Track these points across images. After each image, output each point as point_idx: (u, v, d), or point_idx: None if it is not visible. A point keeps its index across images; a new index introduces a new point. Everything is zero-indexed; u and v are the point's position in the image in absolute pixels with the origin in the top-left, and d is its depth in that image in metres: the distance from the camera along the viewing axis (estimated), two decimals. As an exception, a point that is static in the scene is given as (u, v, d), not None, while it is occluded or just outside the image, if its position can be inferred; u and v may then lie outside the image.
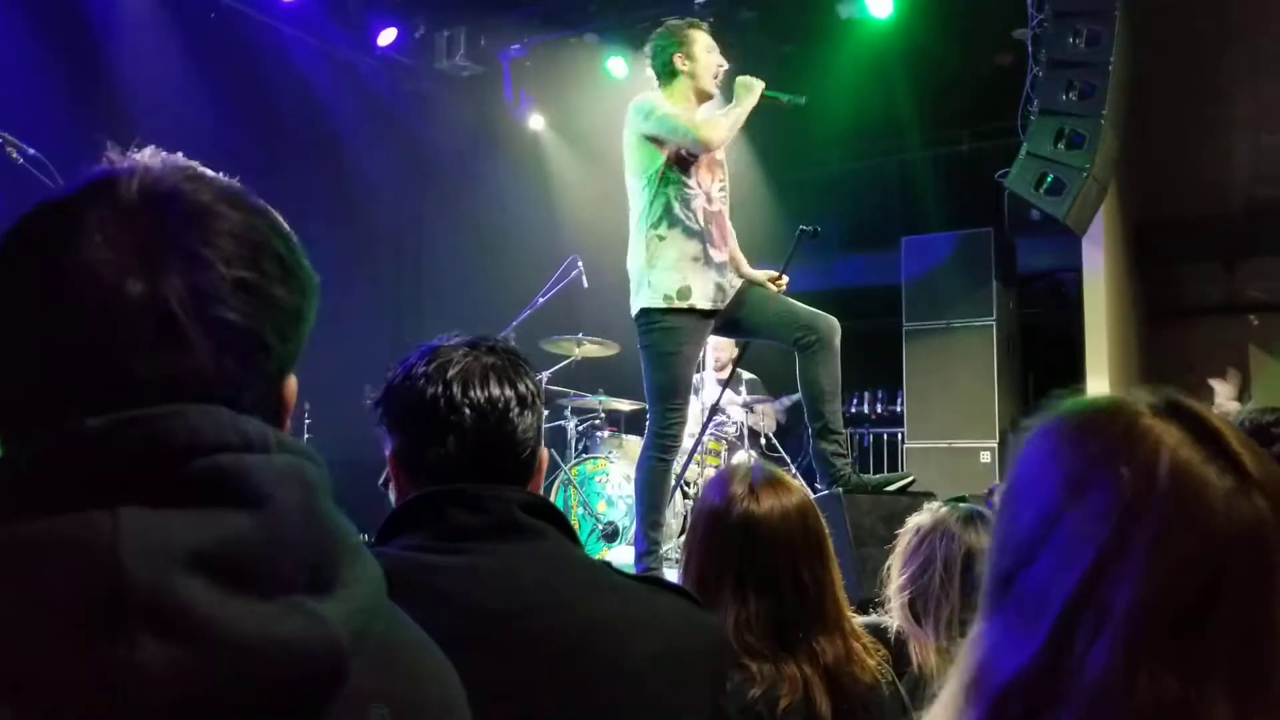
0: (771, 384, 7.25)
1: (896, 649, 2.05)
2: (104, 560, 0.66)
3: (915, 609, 2.07)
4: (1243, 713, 0.71)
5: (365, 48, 7.97)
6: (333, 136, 7.95)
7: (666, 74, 4.20)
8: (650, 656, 1.30)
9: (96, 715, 0.64)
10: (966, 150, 8.71)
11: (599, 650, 1.27)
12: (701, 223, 4.07)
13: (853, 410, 8.59)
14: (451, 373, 1.37)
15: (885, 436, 8.50)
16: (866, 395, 8.72)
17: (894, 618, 2.09)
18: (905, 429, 7.36)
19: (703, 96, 4.19)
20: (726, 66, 4.29)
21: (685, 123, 4.02)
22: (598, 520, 6.33)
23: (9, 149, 4.01)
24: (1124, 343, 7.13)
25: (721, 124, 4.09)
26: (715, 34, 4.38)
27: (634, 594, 1.36)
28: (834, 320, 4.29)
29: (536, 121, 8.91)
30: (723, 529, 1.84)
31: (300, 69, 7.77)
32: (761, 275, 4.48)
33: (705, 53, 4.19)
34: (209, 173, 0.82)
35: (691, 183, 4.08)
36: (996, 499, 0.89)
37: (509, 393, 1.37)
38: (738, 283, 4.25)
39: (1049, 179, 5.75)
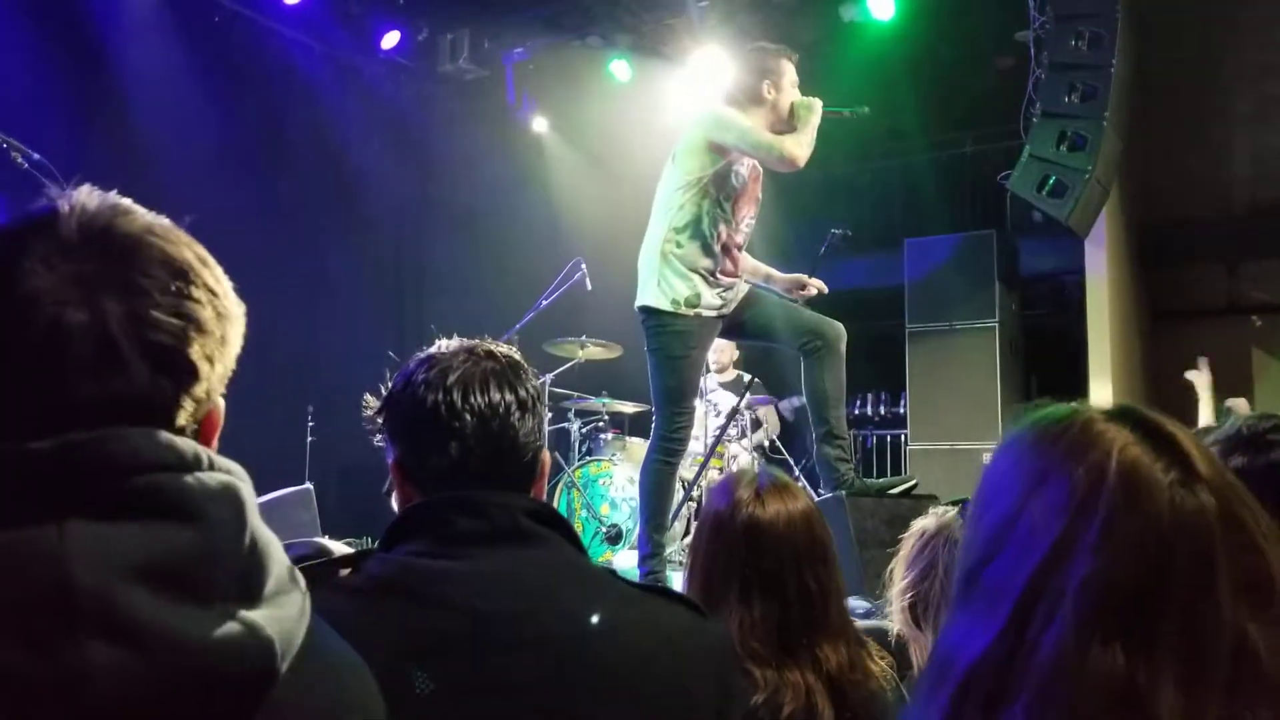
0: (775, 386, 7.26)
1: (898, 652, 2.06)
2: (53, 570, 0.71)
3: (916, 612, 2.08)
4: (1188, 693, 0.74)
5: (369, 51, 7.99)
6: (336, 140, 7.97)
7: (749, 97, 4.14)
8: (654, 664, 1.30)
9: (51, 716, 0.69)
10: (969, 152, 8.72)
11: (602, 656, 1.27)
12: (719, 248, 4.07)
13: (856, 412, 8.59)
14: (451, 379, 1.37)
15: (888, 438, 8.50)
16: (869, 397, 8.72)
17: (895, 621, 2.10)
18: (908, 431, 7.36)
19: (776, 129, 4.13)
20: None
21: (770, 140, 4.01)
22: (601, 523, 6.34)
23: (13, 153, 4.02)
24: (1127, 344, 7.13)
25: (804, 142, 4.07)
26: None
27: (638, 602, 1.35)
28: (840, 326, 4.32)
29: (540, 124, 8.93)
30: (728, 533, 1.84)
31: (304, 72, 7.79)
32: (791, 279, 4.55)
33: (790, 86, 4.19)
34: (139, 208, 0.87)
35: (728, 207, 4.10)
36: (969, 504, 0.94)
37: (509, 397, 1.37)
38: (744, 289, 4.27)
39: (1051, 181, 5.76)
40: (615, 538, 6.34)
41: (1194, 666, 0.75)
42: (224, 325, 0.87)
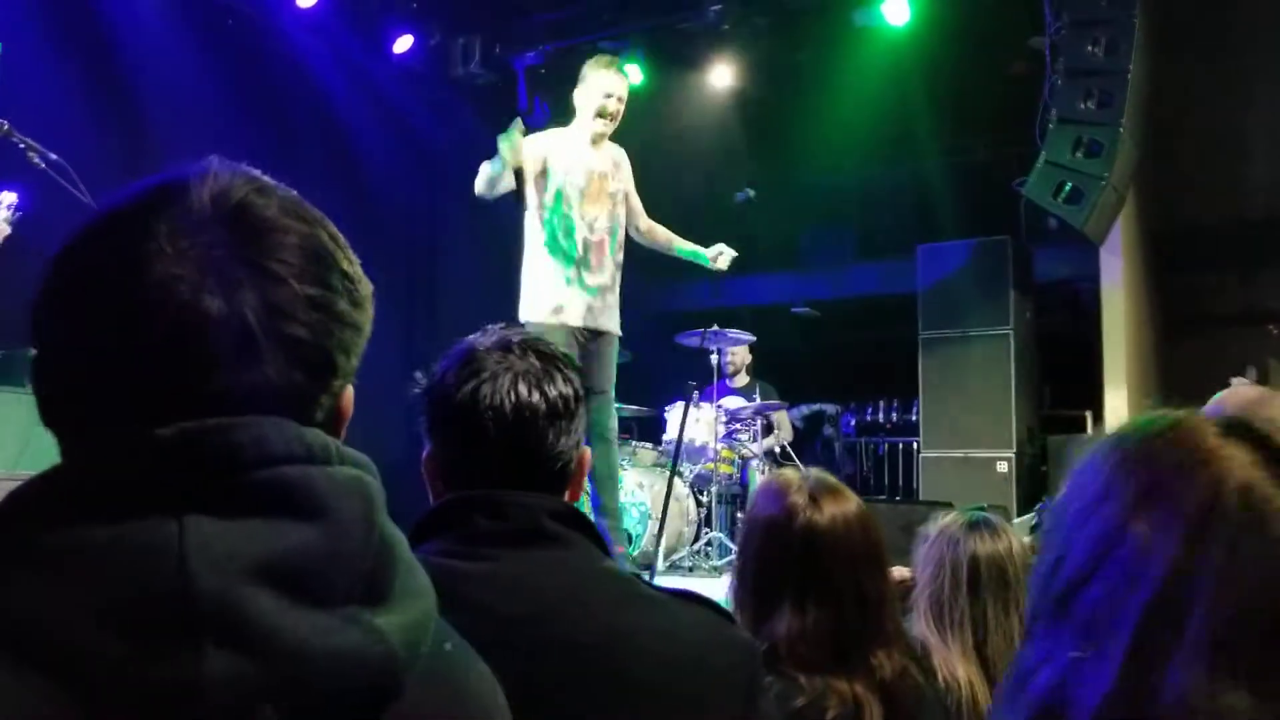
0: (786, 394, 7.24)
1: (923, 659, 2.05)
2: (172, 568, 0.66)
3: (936, 616, 2.09)
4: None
5: (381, 55, 7.99)
6: (348, 144, 7.98)
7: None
8: (676, 669, 1.27)
9: None
10: (982, 158, 8.69)
11: (623, 660, 1.25)
12: (580, 249, 4.49)
13: (868, 419, 8.58)
14: (482, 378, 1.34)
15: (900, 446, 8.47)
16: (881, 404, 8.70)
17: (918, 625, 2.10)
18: (921, 438, 7.32)
19: (589, 132, 4.64)
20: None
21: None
22: (611, 528, 6.32)
23: (30, 154, 4.03)
24: (1142, 353, 7.09)
25: (482, 178, 4.57)
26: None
27: (662, 606, 1.33)
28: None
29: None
30: (783, 539, 1.81)
31: (316, 77, 7.79)
32: (711, 251, 4.96)
33: (602, 96, 4.57)
34: (274, 183, 0.81)
35: (568, 212, 4.52)
36: (1046, 517, 0.88)
37: (540, 400, 1.34)
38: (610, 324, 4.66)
39: (1067, 187, 5.73)
40: (625, 542, 6.31)
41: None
42: (359, 314, 0.82)
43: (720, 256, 4.93)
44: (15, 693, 0.64)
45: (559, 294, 4.44)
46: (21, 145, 4.01)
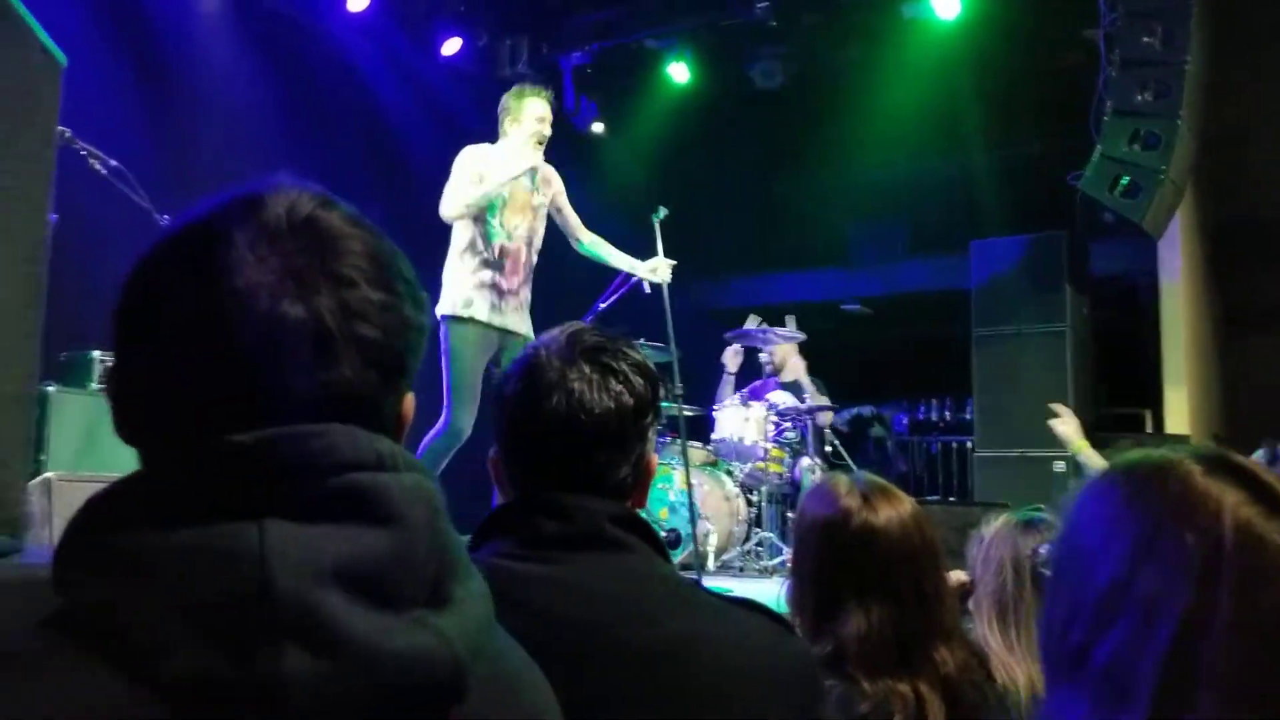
0: (835, 391, 7.19)
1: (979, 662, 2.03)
2: (253, 571, 0.68)
3: (996, 617, 2.07)
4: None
5: (430, 57, 8.05)
6: (397, 145, 8.05)
7: (501, 133, 4.94)
8: (735, 676, 1.27)
9: None
10: (1034, 151, 8.57)
11: (684, 667, 1.24)
12: (502, 257, 4.81)
13: (920, 418, 8.50)
14: (542, 386, 1.33)
15: (954, 445, 8.38)
16: (934, 403, 8.62)
17: (978, 629, 2.08)
18: (975, 437, 7.23)
19: (519, 158, 4.85)
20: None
21: (444, 196, 4.75)
22: (660, 527, 6.31)
23: (91, 161, 4.10)
24: (1202, 350, 6.95)
25: (452, 199, 4.75)
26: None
27: (721, 613, 1.32)
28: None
29: (598, 128, 8.95)
30: (841, 541, 1.82)
31: (366, 79, 7.88)
32: (647, 264, 5.26)
33: (532, 120, 4.85)
34: (337, 198, 0.85)
35: (495, 223, 4.81)
36: (1050, 562, 0.89)
37: (599, 410, 1.33)
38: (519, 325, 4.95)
39: (1124, 181, 5.64)
40: (674, 543, 6.29)
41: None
42: (421, 317, 0.86)
43: (658, 270, 5.22)
44: (102, 692, 0.66)
45: (473, 293, 4.76)
46: (83, 152, 4.08)
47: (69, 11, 5.34)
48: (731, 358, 7.06)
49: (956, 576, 2.15)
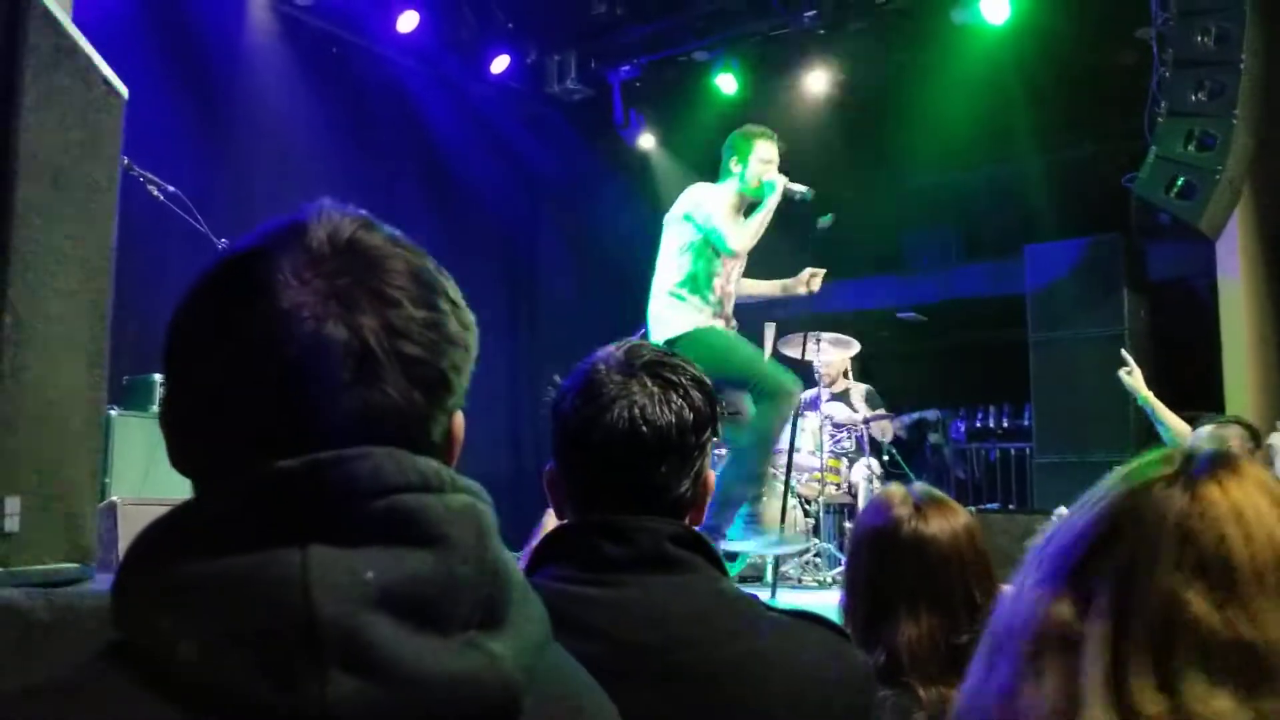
0: (892, 400, 7.13)
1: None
2: (296, 597, 0.68)
3: None
4: (1116, 646, 0.80)
5: (479, 75, 8.14)
6: (448, 163, 8.14)
7: (724, 170, 4.81)
8: (796, 694, 1.27)
9: None
10: (1088, 154, 8.45)
11: (750, 686, 1.24)
12: (714, 299, 4.71)
13: (978, 425, 8.40)
14: (600, 403, 1.32)
15: (1013, 451, 8.27)
16: (992, 409, 8.51)
17: None
18: (1034, 443, 7.14)
19: (744, 200, 4.80)
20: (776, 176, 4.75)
21: (721, 230, 4.62)
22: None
23: (150, 187, 4.20)
24: (1265, 352, 6.81)
25: (746, 234, 4.67)
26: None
27: (783, 629, 1.32)
28: None
29: (646, 141, 8.98)
30: (892, 549, 1.83)
31: (417, 98, 7.98)
32: (796, 279, 5.13)
33: (759, 164, 4.74)
34: (377, 220, 0.86)
35: (717, 263, 4.72)
36: None
37: (657, 426, 1.32)
38: None
39: (1180, 182, 5.55)
40: (731, 556, 6.28)
41: (1125, 619, 0.80)
42: (467, 336, 0.85)
43: (810, 282, 5.13)
44: (147, 716, 0.67)
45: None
46: (141, 179, 4.18)
47: (129, 43, 5.48)
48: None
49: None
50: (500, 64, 8.06)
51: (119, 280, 2.74)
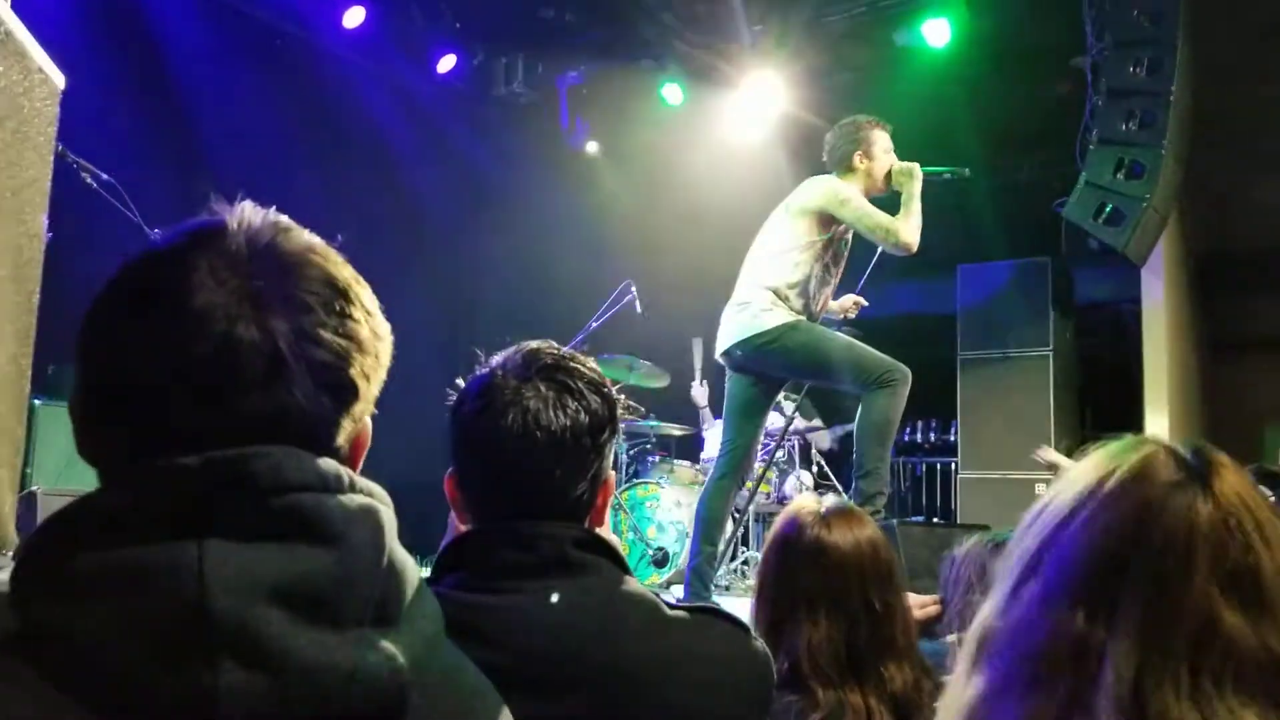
0: (824, 413, 7.21)
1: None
2: (191, 589, 0.70)
3: (961, 637, 2.11)
4: (1143, 657, 0.79)
5: (426, 75, 8.10)
6: (392, 162, 8.08)
7: (842, 166, 4.51)
8: (704, 690, 1.29)
9: None
10: (1024, 179, 8.63)
11: (652, 687, 1.26)
12: (817, 307, 4.47)
13: (906, 439, 8.51)
14: (495, 407, 1.32)
15: (938, 466, 8.41)
16: (920, 424, 8.64)
17: (950, 647, 2.12)
18: (959, 459, 7.28)
19: (871, 194, 4.49)
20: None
21: (886, 224, 4.33)
22: (648, 546, 6.34)
23: (83, 174, 4.13)
24: (1185, 375, 7.01)
25: (914, 226, 4.42)
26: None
27: (686, 626, 1.34)
28: None
29: (592, 148, 8.99)
30: (795, 553, 1.89)
31: (361, 96, 7.91)
32: (841, 303, 4.91)
33: (883, 154, 4.52)
34: (297, 226, 0.87)
35: (833, 270, 4.49)
36: None
37: (552, 430, 1.31)
38: None
39: (1108, 209, 5.69)
40: (662, 561, 6.33)
41: (1155, 636, 0.79)
42: (378, 344, 0.87)
43: (849, 310, 4.98)
44: (45, 706, 0.69)
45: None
46: (76, 165, 4.11)
47: (69, 31, 5.38)
48: (698, 393, 7.15)
49: (921, 601, 2.20)
50: (446, 63, 8.03)
51: (50, 269, 2.70)
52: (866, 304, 4.99)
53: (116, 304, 0.81)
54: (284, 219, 0.87)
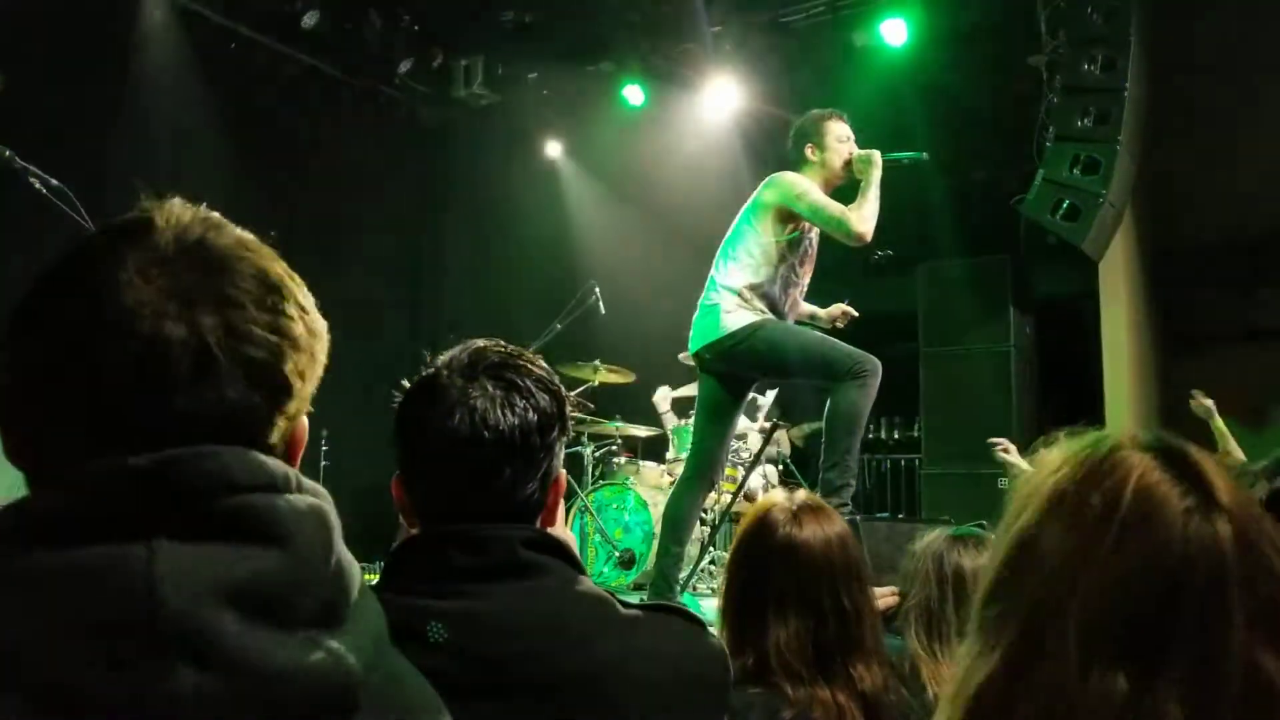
0: (787, 411, 7.24)
1: (911, 673, 2.07)
2: (141, 590, 0.69)
3: (923, 628, 2.13)
4: (1194, 716, 0.73)
5: (385, 76, 8.05)
6: (352, 164, 8.03)
7: (799, 161, 4.46)
8: (657, 689, 1.27)
9: None
10: (983, 177, 8.69)
11: (604, 689, 1.24)
12: (785, 308, 4.38)
13: (870, 436, 8.55)
14: (440, 408, 1.29)
15: (902, 462, 8.46)
16: (883, 421, 8.69)
17: (908, 640, 2.13)
18: (922, 455, 7.32)
19: (830, 185, 4.42)
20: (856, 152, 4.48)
21: (839, 215, 4.22)
22: (614, 547, 6.32)
23: (32, 179, 4.05)
24: (1143, 369, 7.09)
25: (867, 215, 4.28)
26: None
27: (638, 625, 1.32)
28: None
29: (553, 149, 8.98)
30: (764, 551, 1.87)
31: (320, 97, 7.86)
32: (831, 311, 4.87)
33: (837, 144, 4.44)
34: (228, 222, 0.86)
35: (799, 270, 4.40)
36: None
37: (499, 429, 1.28)
38: None
39: (1065, 205, 5.76)
40: (629, 562, 6.31)
41: (1203, 695, 0.73)
42: (313, 342, 0.86)
43: (838, 319, 4.91)
44: None
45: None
46: (23, 170, 4.03)
47: (9, 31, 5.31)
48: (662, 399, 7.14)
49: (884, 594, 2.21)
50: (406, 65, 7.98)
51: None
52: (856, 314, 4.93)
53: (42, 303, 0.80)
54: (214, 215, 0.85)
